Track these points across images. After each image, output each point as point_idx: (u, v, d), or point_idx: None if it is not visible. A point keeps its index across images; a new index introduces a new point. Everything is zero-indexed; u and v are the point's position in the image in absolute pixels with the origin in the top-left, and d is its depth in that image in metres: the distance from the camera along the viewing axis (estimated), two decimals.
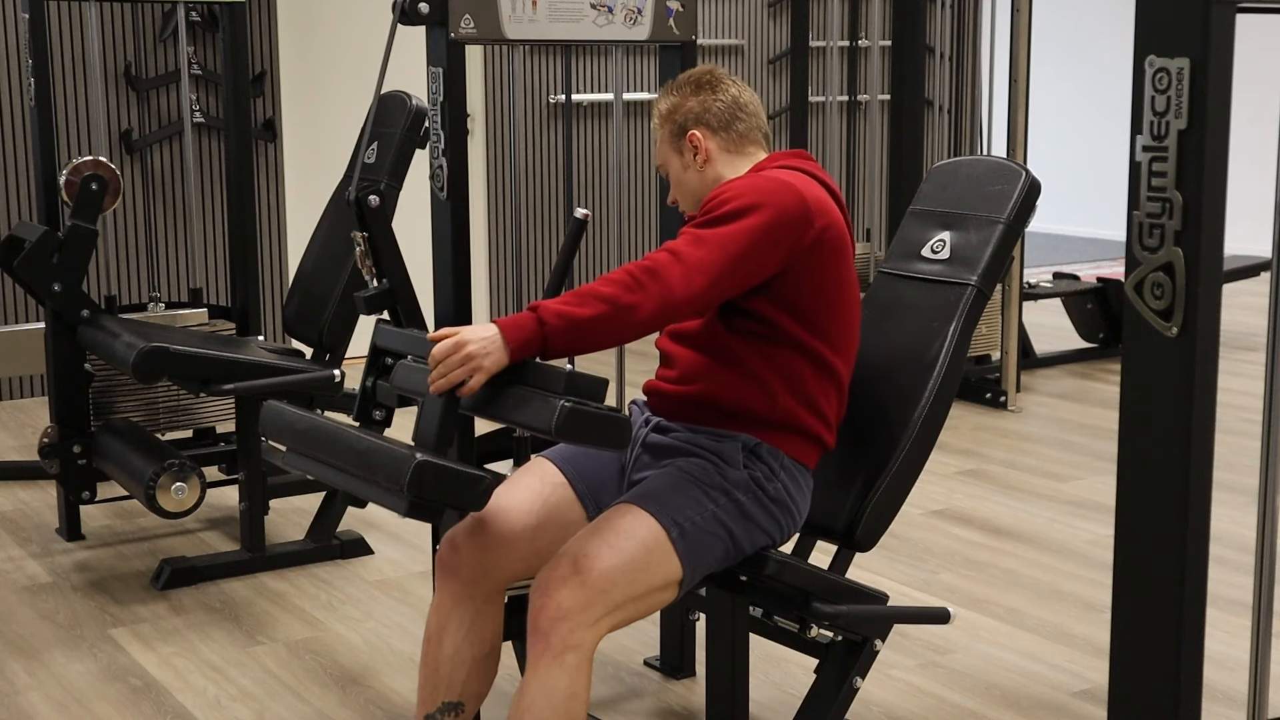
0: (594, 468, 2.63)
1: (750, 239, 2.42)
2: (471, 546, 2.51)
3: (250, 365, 3.75)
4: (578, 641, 2.27)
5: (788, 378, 2.52)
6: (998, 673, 3.34)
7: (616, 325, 2.33)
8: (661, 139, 2.72)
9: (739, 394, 2.52)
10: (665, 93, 2.73)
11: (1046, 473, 4.99)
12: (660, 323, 2.39)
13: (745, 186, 2.49)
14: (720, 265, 2.39)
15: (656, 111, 2.74)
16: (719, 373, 2.54)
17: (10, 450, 5.31)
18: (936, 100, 6.88)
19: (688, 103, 2.68)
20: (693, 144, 2.66)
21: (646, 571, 2.34)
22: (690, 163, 2.68)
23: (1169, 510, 1.75)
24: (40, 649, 3.49)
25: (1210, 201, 1.68)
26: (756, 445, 2.50)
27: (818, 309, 2.52)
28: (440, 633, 2.55)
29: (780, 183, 2.49)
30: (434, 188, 2.77)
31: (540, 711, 2.27)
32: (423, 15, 2.65)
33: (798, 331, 2.51)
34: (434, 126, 2.75)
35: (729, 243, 2.40)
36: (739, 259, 2.41)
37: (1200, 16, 1.64)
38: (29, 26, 4.02)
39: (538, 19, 2.78)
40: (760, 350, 2.52)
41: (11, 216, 6.03)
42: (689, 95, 2.68)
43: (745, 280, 2.45)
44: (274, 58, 6.52)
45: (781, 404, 2.51)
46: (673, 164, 2.70)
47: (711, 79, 2.68)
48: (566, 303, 2.32)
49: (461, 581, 2.52)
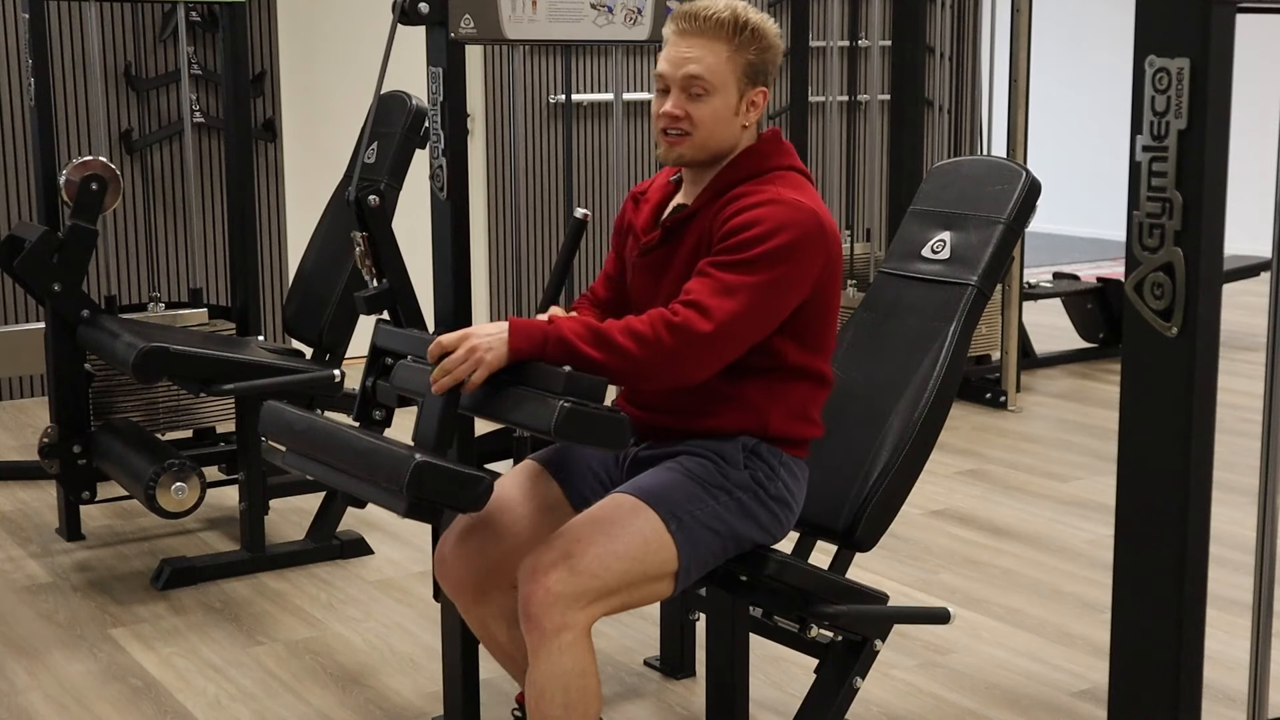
0: (584, 474, 2.59)
1: (782, 290, 2.33)
2: (460, 556, 2.49)
3: (250, 365, 3.75)
4: (570, 622, 2.25)
5: (786, 403, 2.48)
6: (998, 673, 3.34)
7: (620, 378, 2.32)
8: (725, 58, 2.39)
9: (735, 423, 2.47)
10: (745, 14, 2.41)
11: (1046, 473, 4.99)
12: (667, 388, 2.36)
13: (781, 218, 2.34)
14: (747, 329, 2.31)
15: (735, 17, 2.40)
16: (713, 407, 2.46)
17: (10, 450, 5.31)
18: (936, 100, 6.88)
19: (774, 51, 2.45)
20: (754, 101, 2.44)
21: (642, 561, 2.32)
22: (741, 114, 2.44)
23: (1169, 510, 1.75)
24: (40, 649, 3.49)
25: (1210, 201, 1.68)
26: (756, 445, 2.48)
27: (820, 329, 2.48)
28: (485, 629, 2.58)
29: (809, 213, 2.37)
30: (434, 188, 2.77)
31: (555, 696, 2.27)
32: (423, 15, 2.65)
33: (800, 358, 2.46)
34: (434, 126, 2.75)
35: (760, 297, 2.30)
36: (768, 316, 2.34)
37: (1200, 16, 1.64)
38: (29, 26, 4.02)
39: (538, 19, 2.78)
40: (761, 383, 2.46)
41: (11, 216, 6.03)
42: (773, 44, 2.44)
43: (766, 332, 2.38)
44: (274, 58, 6.52)
45: (777, 425, 2.48)
46: (721, 97, 2.40)
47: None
48: (580, 335, 2.28)
49: (469, 590, 2.52)
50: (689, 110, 2.40)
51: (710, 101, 2.40)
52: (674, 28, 2.44)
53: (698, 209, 2.46)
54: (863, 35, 7.05)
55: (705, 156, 2.44)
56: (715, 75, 2.39)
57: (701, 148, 2.43)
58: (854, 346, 2.84)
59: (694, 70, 2.39)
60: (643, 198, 2.63)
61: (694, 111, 2.40)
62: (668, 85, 2.42)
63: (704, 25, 2.39)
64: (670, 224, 2.49)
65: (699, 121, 2.41)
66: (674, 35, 2.43)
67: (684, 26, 2.41)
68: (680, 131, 2.42)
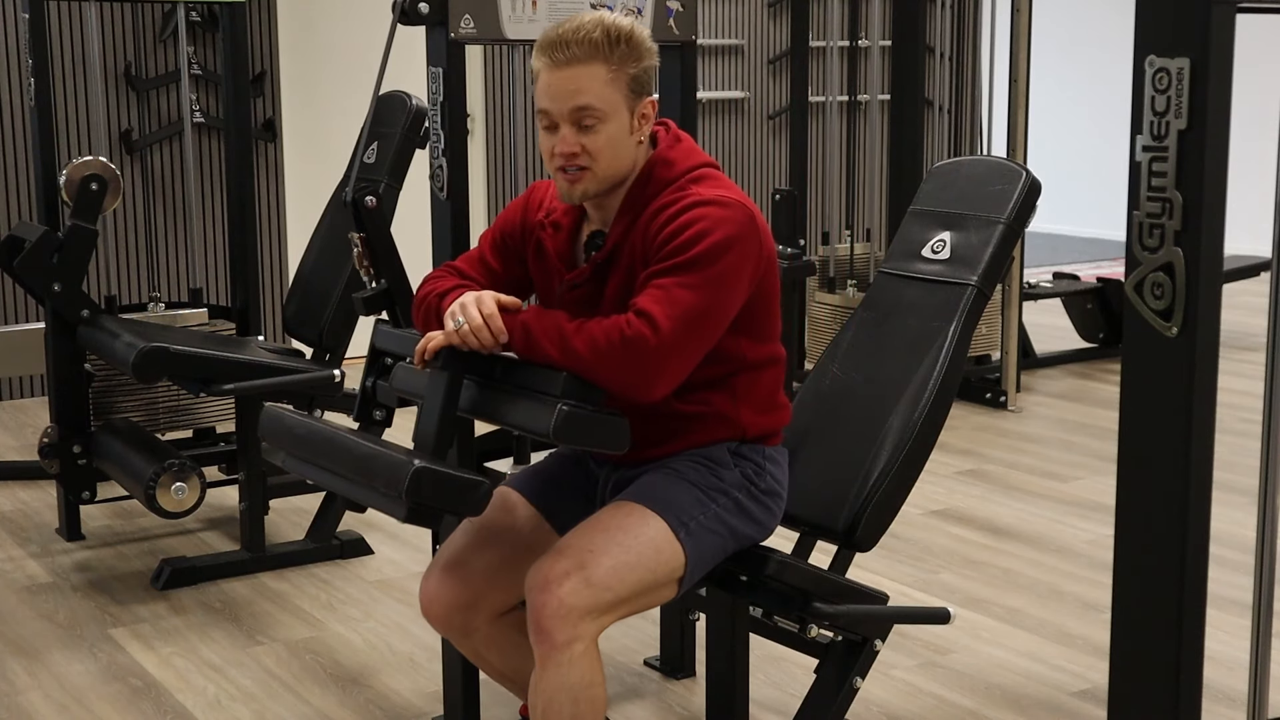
0: (560, 495, 2.56)
1: (727, 286, 2.27)
2: (442, 594, 2.46)
3: (250, 365, 3.75)
4: (581, 633, 2.24)
5: (754, 401, 2.46)
6: (998, 673, 3.34)
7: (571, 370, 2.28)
8: (607, 80, 2.27)
9: (713, 436, 2.45)
10: (616, 27, 2.28)
11: (1046, 473, 4.99)
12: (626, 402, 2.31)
13: (713, 217, 2.27)
14: (699, 334, 2.26)
15: (607, 34, 2.27)
16: (686, 427, 2.44)
17: (10, 450, 5.31)
18: (936, 100, 6.88)
19: (651, 56, 2.34)
20: (645, 113, 2.34)
21: (653, 570, 2.32)
22: (635, 131, 2.33)
23: (1169, 510, 1.75)
24: (40, 649, 3.49)
25: (1210, 201, 1.68)
26: (738, 447, 2.47)
27: (766, 317, 2.44)
28: (477, 657, 2.58)
29: (737, 207, 2.31)
30: (434, 188, 2.77)
31: (564, 708, 2.26)
32: (423, 15, 2.65)
33: (756, 351, 2.44)
34: (434, 126, 2.75)
35: (708, 298, 2.25)
36: (718, 316, 2.29)
37: (1200, 16, 1.64)
38: (29, 26, 4.02)
39: (538, 19, 2.78)
40: (725, 392, 2.43)
41: (11, 216, 6.03)
42: (649, 49, 2.33)
43: (717, 334, 2.33)
44: (274, 58, 6.52)
45: (753, 426, 2.47)
46: (614, 121, 2.30)
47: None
48: (546, 330, 2.26)
49: (455, 627, 2.50)
50: (584, 144, 2.29)
51: (604, 129, 2.29)
52: (546, 60, 2.29)
53: (621, 234, 2.39)
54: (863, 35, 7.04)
55: (608, 187, 2.36)
56: (603, 100, 2.28)
57: (604, 179, 2.33)
58: (854, 346, 2.83)
59: (580, 101, 2.27)
60: (550, 222, 2.49)
61: (589, 144, 2.29)
62: (553, 121, 2.29)
63: (577, 51, 2.26)
64: (600, 260, 2.41)
65: (596, 153, 2.30)
66: (547, 67, 2.29)
67: (558, 57, 2.27)
68: (579, 167, 2.31)
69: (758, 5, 7.75)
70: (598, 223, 2.45)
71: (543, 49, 2.30)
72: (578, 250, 2.47)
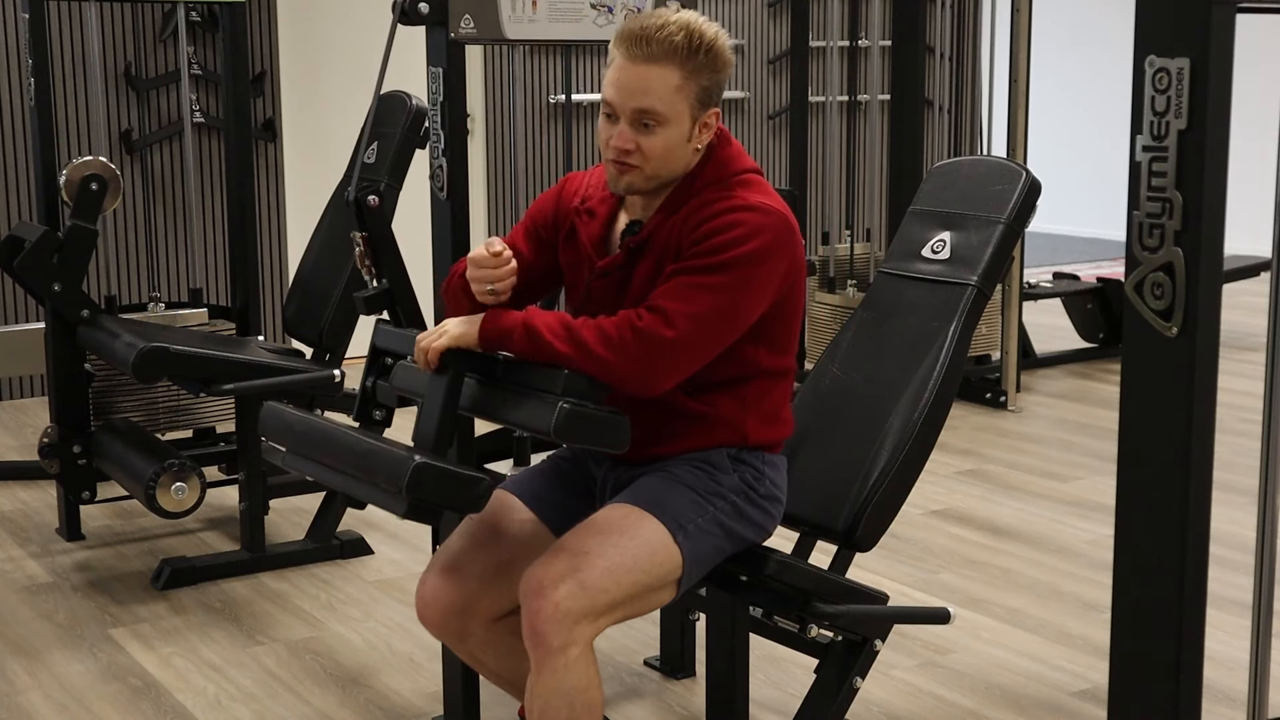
0: (559, 497, 2.55)
1: (750, 293, 2.27)
2: (437, 599, 2.45)
3: (250, 365, 3.75)
4: (577, 637, 2.23)
5: (760, 411, 2.45)
6: (998, 673, 3.34)
7: (580, 369, 2.27)
8: (677, 86, 2.25)
9: (714, 440, 2.44)
10: (700, 34, 2.25)
11: (1046, 473, 4.99)
12: (633, 396, 2.31)
13: (753, 223, 2.27)
14: (712, 334, 2.26)
15: (689, 39, 2.24)
16: (689, 428, 2.43)
17: (10, 450, 5.31)
18: (936, 100, 6.88)
19: (727, 70, 2.31)
20: (706, 123, 2.32)
21: (649, 573, 2.31)
22: (694, 139, 2.32)
23: (1169, 510, 1.75)
24: (40, 649, 3.49)
25: (1210, 201, 1.68)
26: (739, 453, 2.46)
27: (787, 330, 2.43)
28: (474, 660, 2.57)
29: (778, 216, 2.31)
30: (434, 188, 2.77)
31: (560, 712, 2.25)
32: (423, 15, 2.65)
33: (771, 361, 2.43)
34: (434, 126, 2.75)
35: (726, 301, 2.25)
36: (734, 320, 2.28)
37: (1200, 16, 1.64)
38: (29, 26, 4.02)
39: (538, 19, 2.78)
40: (733, 396, 2.42)
41: (11, 216, 6.03)
42: (727, 61, 2.30)
43: (732, 337, 2.32)
44: (274, 58, 6.52)
45: (755, 435, 2.46)
46: (674, 128, 2.28)
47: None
48: (551, 329, 2.26)
49: (451, 631, 2.49)
50: (640, 143, 2.28)
51: (663, 133, 2.28)
52: (622, 51, 2.26)
53: (659, 224, 2.38)
54: (863, 35, 7.05)
55: (655, 185, 2.35)
56: (668, 106, 2.26)
57: (652, 178, 2.33)
58: (854, 346, 2.84)
59: (644, 104, 2.25)
60: (585, 209, 2.48)
61: (645, 144, 2.28)
62: (615, 112, 2.28)
63: (655, 50, 2.23)
64: (634, 245, 2.40)
65: (650, 154, 2.29)
66: (622, 59, 2.26)
67: (635, 52, 2.25)
68: (631, 164, 2.31)
69: (758, 5, 7.75)
70: (636, 212, 2.43)
71: (622, 39, 2.27)
72: (612, 238, 2.46)
